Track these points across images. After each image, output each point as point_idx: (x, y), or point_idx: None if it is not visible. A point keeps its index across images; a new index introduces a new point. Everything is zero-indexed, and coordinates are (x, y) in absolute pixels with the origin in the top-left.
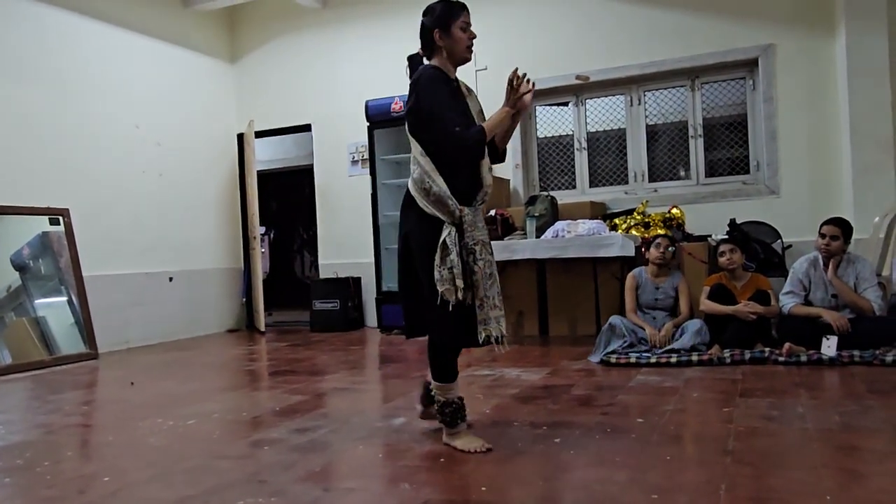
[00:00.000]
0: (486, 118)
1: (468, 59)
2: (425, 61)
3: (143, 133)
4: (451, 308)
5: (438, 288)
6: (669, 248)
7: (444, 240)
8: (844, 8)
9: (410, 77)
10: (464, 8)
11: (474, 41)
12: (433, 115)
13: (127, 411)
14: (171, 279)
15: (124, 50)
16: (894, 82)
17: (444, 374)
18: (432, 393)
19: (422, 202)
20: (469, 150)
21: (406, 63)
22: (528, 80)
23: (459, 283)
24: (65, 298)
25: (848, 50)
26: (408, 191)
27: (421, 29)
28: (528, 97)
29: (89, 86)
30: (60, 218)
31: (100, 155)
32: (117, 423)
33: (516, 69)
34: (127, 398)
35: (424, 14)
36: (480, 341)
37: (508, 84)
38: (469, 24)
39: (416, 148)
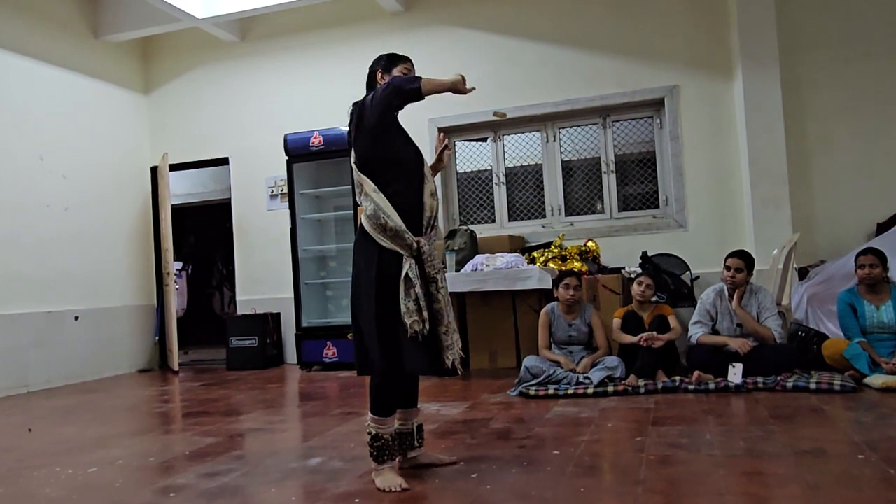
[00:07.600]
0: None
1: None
2: None
3: (48, 165)
4: (420, 339)
5: (406, 320)
6: (578, 288)
7: (407, 273)
8: (740, 53)
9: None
10: (408, 60)
11: None
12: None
13: (22, 460)
14: (76, 318)
15: (27, 79)
16: (788, 122)
17: (384, 409)
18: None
19: (378, 237)
20: (400, 90)
21: (351, 108)
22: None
23: (426, 314)
24: None
25: (745, 92)
26: (361, 226)
27: (367, 75)
28: (447, 154)
29: None
30: None
31: None
32: (10, 473)
33: (444, 138)
34: (23, 446)
35: (372, 64)
36: (449, 366)
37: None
38: (410, 71)
39: (368, 184)
